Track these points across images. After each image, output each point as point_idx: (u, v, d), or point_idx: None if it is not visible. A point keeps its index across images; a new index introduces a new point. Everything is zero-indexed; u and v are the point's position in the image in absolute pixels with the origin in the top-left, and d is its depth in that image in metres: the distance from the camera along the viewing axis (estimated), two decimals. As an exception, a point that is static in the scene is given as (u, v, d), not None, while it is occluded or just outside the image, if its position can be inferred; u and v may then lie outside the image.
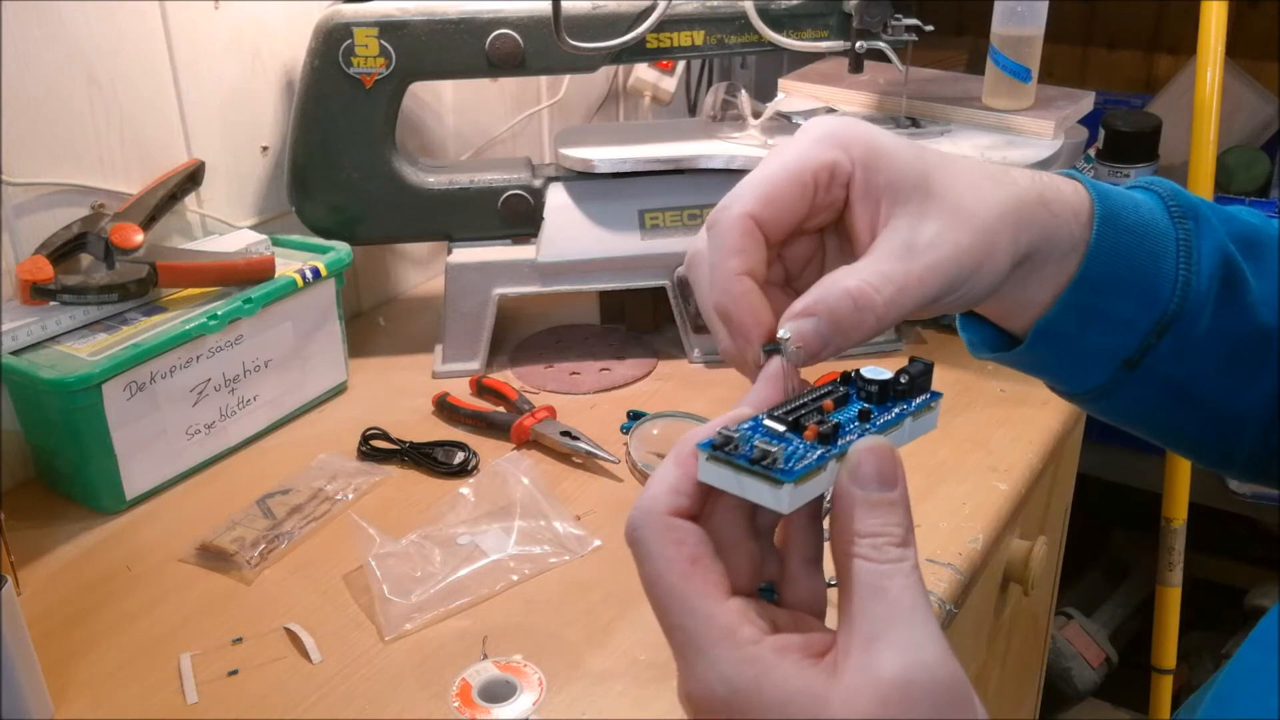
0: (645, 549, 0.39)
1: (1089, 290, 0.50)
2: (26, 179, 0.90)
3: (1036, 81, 1.12)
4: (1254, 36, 1.80)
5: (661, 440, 0.96)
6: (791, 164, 0.45)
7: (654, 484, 0.41)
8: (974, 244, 0.45)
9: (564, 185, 1.08)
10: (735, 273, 0.44)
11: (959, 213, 0.45)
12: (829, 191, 0.45)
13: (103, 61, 0.94)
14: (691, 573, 0.39)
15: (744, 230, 0.44)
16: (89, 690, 0.71)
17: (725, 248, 0.44)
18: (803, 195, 0.45)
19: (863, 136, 0.45)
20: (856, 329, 0.42)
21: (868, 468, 0.39)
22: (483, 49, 1.02)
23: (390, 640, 0.75)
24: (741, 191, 0.45)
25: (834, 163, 0.45)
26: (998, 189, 0.46)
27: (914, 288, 0.43)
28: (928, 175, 0.45)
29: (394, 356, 1.13)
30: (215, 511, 0.88)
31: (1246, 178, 1.59)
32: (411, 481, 0.92)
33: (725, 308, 0.44)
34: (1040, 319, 0.51)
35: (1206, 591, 1.94)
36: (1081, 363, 0.53)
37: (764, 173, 0.45)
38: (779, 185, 0.45)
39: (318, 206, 1.07)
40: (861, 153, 0.45)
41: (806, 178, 0.45)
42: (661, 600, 0.39)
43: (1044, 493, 1.15)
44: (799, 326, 0.42)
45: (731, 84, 1.13)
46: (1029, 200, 0.47)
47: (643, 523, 0.40)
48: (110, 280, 0.89)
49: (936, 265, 0.44)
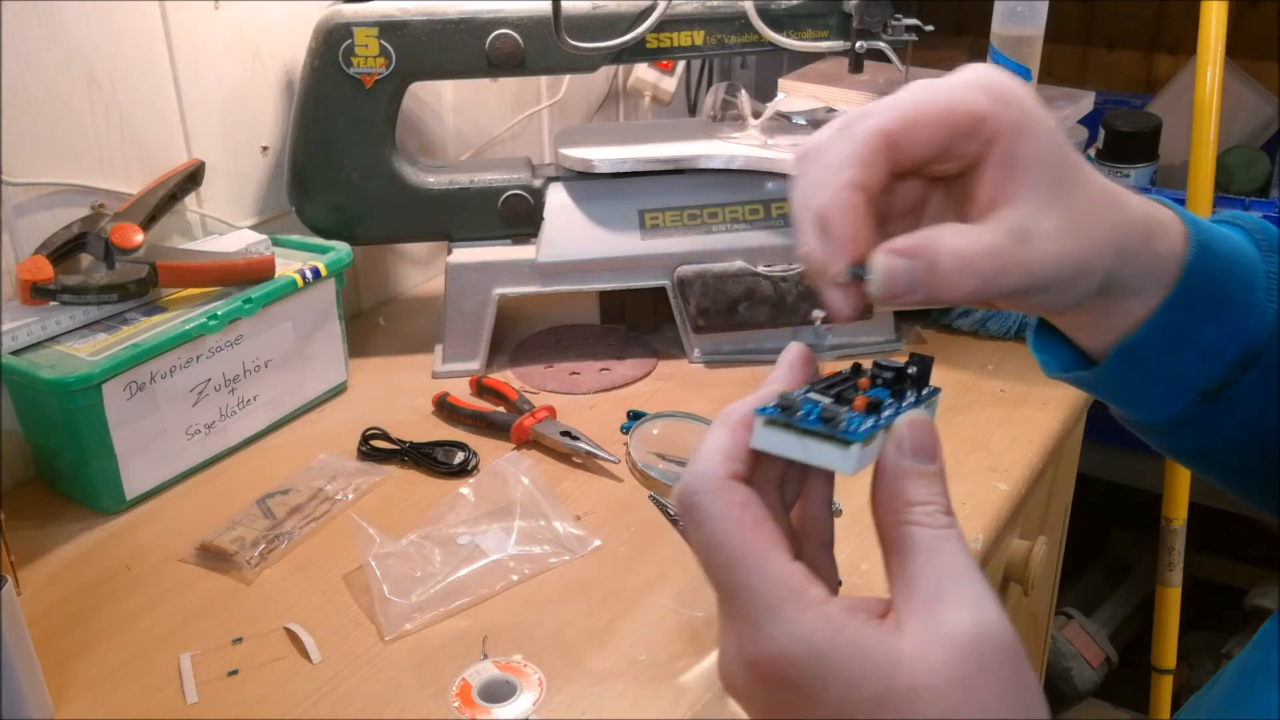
0: (706, 512, 0.39)
1: (1181, 312, 0.49)
2: (26, 179, 0.90)
3: (1036, 81, 1.12)
4: (1254, 36, 1.80)
5: (661, 440, 0.96)
6: (943, 98, 0.42)
7: (706, 451, 0.40)
8: (1081, 256, 0.44)
9: (564, 185, 1.08)
10: (851, 182, 0.41)
11: (1078, 220, 0.43)
12: (966, 142, 0.42)
13: (103, 61, 0.94)
14: (757, 534, 0.38)
15: (875, 145, 0.42)
16: (89, 690, 0.71)
17: (850, 154, 0.42)
18: (944, 133, 0.42)
19: (1021, 101, 0.43)
20: (949, 288, 0.41)
21: (915, 440, 0.40)
22: (483, 49, 1.02)
23: (390, 640, 0.75)
24: (881, 108, 0.42)
25: (986, 115, 0.42)
26: (1114, 211, 0.46)
27: (1015, 273, 0.42)
28: (1066, 169, 0.43)
29: (394, 356, 1.13)
30: (215, 511, 0.88)
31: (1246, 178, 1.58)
32: (411, 481, 0.92)
33: (828, 214, 0.41)
34: (1125, 339, 0.50)
35: (1206, 591, 1.94)
36: (1160, 390, 0.52)
37: (910, 98, 0.42)
38: (925, 114, 0.42)
39: (318, 206, 1.07)
40: (1016, 118, 0.42)
41: (954, 118, 0.42)
42: (726, 562, 0.38)
43: (1044, 493, 1.15)
44: (894, 263, 0.41)
45: (731, 84, 1.13)
46: (1135, 234, 0.47)
47: (701, 486, 0.39)
48: (110, 280, 0.89)
49: (1044, 260, 0.42)
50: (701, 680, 0.71)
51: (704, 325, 1.08)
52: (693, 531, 0.40)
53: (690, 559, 0.71)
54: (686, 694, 0.70)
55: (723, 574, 0.39)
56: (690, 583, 0.79)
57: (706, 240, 1.06)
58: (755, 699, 0.39)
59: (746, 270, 1.06)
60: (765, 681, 0.37)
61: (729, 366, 1.09)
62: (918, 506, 0.39)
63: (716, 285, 1.06)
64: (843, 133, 0.43)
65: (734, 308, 1.07)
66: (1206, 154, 1.37)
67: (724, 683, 0.40)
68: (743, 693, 0.39)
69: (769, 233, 1.06)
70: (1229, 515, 1.71)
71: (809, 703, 0.36)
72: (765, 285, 1.06)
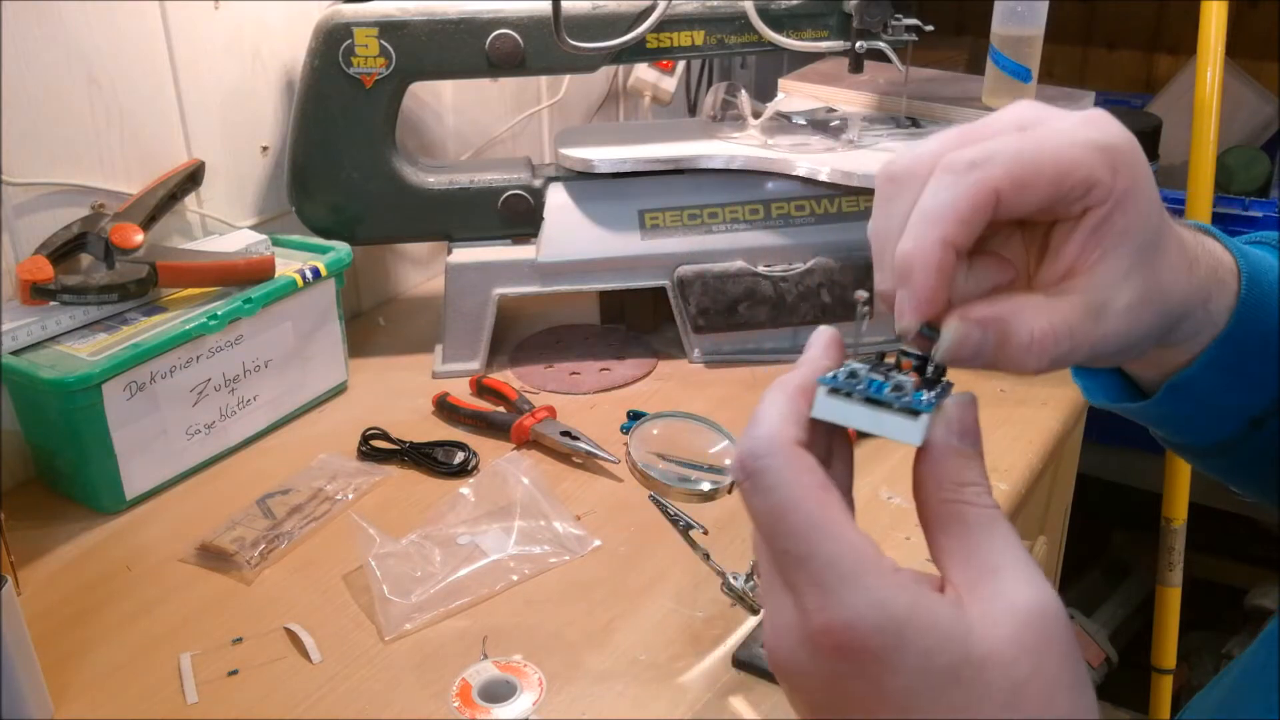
0: (776, 477, 0.38)
1: (1231, 349, 0.49)
2: (26, 179, 0.90)
3: (1036, 81, 1.12)
4: (1254, 36, 1.80)
5: (661, 440, 0.96)
6: (1062, 159, 0.40)
7: (769, 416, 0.40)
8: (1146, 327, 0.43)
9: (564, 185, 1.08)
10: (945, 239, 0.39)
11: (1155, 289, 0.43)
12: (1069, 205, 0.41)
13: (103, 61, 0.94)
14: (829, 500, 0.37)
15: (984, 204, 0.39)
16: (89, 690, 0.71)
17: (954, 206, 0.39)
18: (1052, 197, 0.40)
19: (1132, 167, 0.41)
20: (1013, 363, 0.41)
21: (965, 423, 0.39)
22: (483, 49, 1.02)
23: (390, 640, 0.75)
24: (1000, 155, 0.39)
25: (1098, 183, 0.40)
26: (1184, 278, 0.45)
27: (1083, 349, 0.41)
28: (1158, 238, 0.42)
29: (394, 356, 1.13)
30: (215, 511, 0.87)
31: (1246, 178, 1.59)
32: (411, 481, 0.92)
33: (913, 266, 0.39)
34: (1175, 376, 0.50)
35: (1206, 591, 1.94)
36: (1209, 419, 0.52)
37: (1028, 151, 0.40)
38: (1040, 175, 0.39)
39: (318, 206, 1.07)
40: (1123, 188, 0.40)
41: (1068, 183, 0.40)
42: (798, 528, 0.37)
43: (1044, 493, 1.15)
44: (969, 331, 0.40)
45: (731, 84, 1.13)
46: (1198, 299, 0.47)
47: (770, 450, 0.38)
48: (110, 280, 0.89)
49: (1115, 334, 0.42)
50: (701, 680, 0.71)
51: (704, 325, 1.08)
52: (758, 497, 0.38)
53: (690, 559, 0.72)
54: (686, 694, 0.70)
55: (793, 540, 0.37)
56: (690, 583, 0.79)
57: (706, 240, 1.06)
58: (816, 674, 0.37)
59: (746, 270, 1.06)
60: (836, 651, 0.36)
61: (729, 366, 1.09)
62: (968, 487, 0.39)
63: (716, 285, 1.06)
64: (949, 173, 0.40)
65: (734, 308, 1.07)
66: (1206, 154, 1.37)
67: (776, 659, 0.38)
68: (800, 669, 0.38)
69: (769, 233, 1.06)
70: (1229, 515, 1.71)
71: (882, 672, 0.36)
72: (765, 285, 1.06)
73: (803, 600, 0.37)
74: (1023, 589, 0.37)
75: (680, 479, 0.64)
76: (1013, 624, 0.36)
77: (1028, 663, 0.36)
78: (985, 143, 0.40)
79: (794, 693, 0.39)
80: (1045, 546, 1.04)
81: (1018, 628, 0.36)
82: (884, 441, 0.40)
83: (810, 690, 0.38)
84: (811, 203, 1.07)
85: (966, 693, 0.35)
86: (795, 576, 0.37)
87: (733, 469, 0.40)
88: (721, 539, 0.80)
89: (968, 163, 0.40)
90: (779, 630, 0.38)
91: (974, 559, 0.37)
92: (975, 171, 0.39)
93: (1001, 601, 0.36)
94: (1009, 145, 0.40)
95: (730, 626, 0.75)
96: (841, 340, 0.43)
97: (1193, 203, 1.38)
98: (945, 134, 0.42)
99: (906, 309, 0.40)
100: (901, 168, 0.41)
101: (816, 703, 0.38)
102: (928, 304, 0.40)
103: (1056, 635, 0.36)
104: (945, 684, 0.35)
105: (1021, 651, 0.36)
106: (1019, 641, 0.36)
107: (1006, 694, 0.35)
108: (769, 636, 0.39)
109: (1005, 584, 0.37)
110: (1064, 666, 0.36)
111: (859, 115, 1.14)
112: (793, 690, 0.39)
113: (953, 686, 0.35)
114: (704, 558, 0.72)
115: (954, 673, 0.35)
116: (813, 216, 1.07)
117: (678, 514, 0.70)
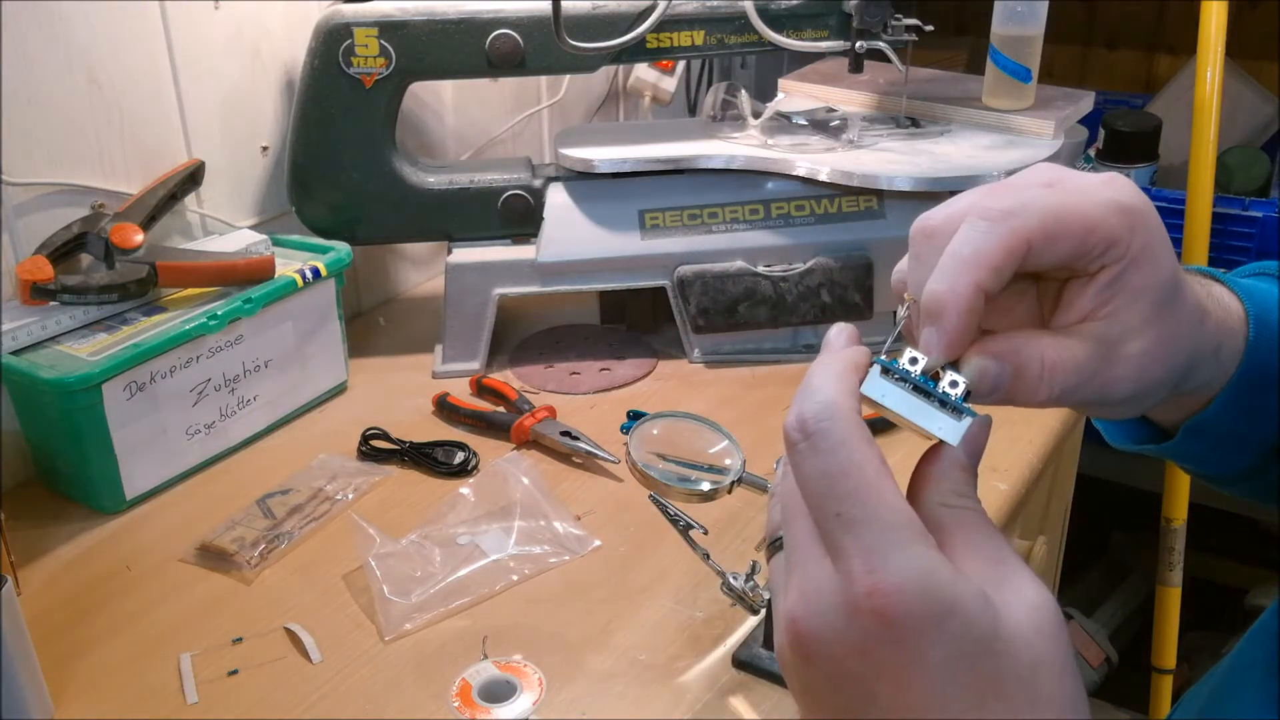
0: (839, 439, 0.38)
1: (1247, 389, 0.50)
2: (26, 179, 0.90)
3: (1036, 81, 1.12)
4: (1254, 36, 1.80)
5: (661, 440, 0.95)
6: (1088, 216, 0.42)
7: (828, 380, 0.40)
8: (1156, 378, 0.45)
9: (564, 185, 1.08)
10: (978, 285, 0.41)
11: (1167, 341, 0.44)
12: (1088, 261, 0.43)
13: (103, 61, 0.94)
14: (884, 471, 0.39)
15: (1017, 253, 0.41)
16: (89, 690, 0.71)
17: (989, 254, 0.41)
18: (1076, 251, 0.42)
19: (1149, 230, 0.43)
20: (1028, 394, 0.43)
21: (979, 441, 0.42)
22: (483, 49, 1.02)
23: (390, 640, 0.75)
24: (1034, 207, 0.41)
25: (1117, 241, 0.42)
26: (1195, 331, 0.47)
27: (1091, 387, 0.43)
28: (1166, 297, 0.44)
29: (394, 356, 1.13)
30: (215, 511, 0.87)
31: (1246, 178, 1.58)
32: (411, 481, 0.92)
33: (946, 308, 0.41)
34: (1193, 418, 0.52)
35: (1206, 591, 1.93)
36: (1229, 453, 0.54)
37: (1062, 206, 0.42)
38: (1068, 231, 0.41)
39: (318, 206, 1.07)
40: (1140, 248, 0.42)
41: (1092, 240, 0.42)
42: (858, 490, 0.38)
43: (1044, 493, 1.15)
44: (985, 366, 0.42)
45: (731, 84, 1.13)
46: (1208, 348, 0.48)
47: (833, 414, 0.39)
48: (110, 280, 0.89)
49: (1123, 379, 0.44)
50: (701, 680, 0.71)
51: (704, 325, 1.08)
52: (818, 458, 0.39)
53: (690, 559, 0.72)
54: (686, 694, 0.70)
55: (849, 502, 0.38)
56: (690, 583, 0.79)
57: (706, 240, 1.06)
58: (850, 640, 0.37)
59: (746, 270, 1.06)
60: (878, 616, 0.36)
61: (729, 366, 1.09)
62: (965, 499, 0.41)
63: (716, 285, 1.06)
64: (984, 219, 0.41)
65: (734, 308, 1.07)
66: (1206, 154, 1.37)
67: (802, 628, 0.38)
68: (832, 636, 0.38)
69: (769, 233, 1.06)
70: (1229, 515, 1.71)
71: (922, 640, 0.36)
72: (765, 285, 1.06)
73: (849, 564, 0.37)
74: (1028, 582, 0.39)
75: (680, 479, 0.64)
76: (1025, 608, 0.38)
77: (1040, 644, 0.37)
78: (1020, 193, 0.42)
79: (810, 669, 0.39)
80: (1045, 546, 1.04)
81: (1030, 612, 0.38)
82: None
83: (836, 661, 0.38)
84: (811, 203, 1.07)
85: (997, 664, 0.37)
86: (843, 539, 0.38)
87: (788, 428, 0.40)
88: (721, 539, 0.80)
89: (1003, 211, 0.41)
90: (810, 596, 0.38)
91: (980, 552, 0.39)
92: (1011, 220, 0.41)
93: (1011, 590, 0.38)
94: (1042, 198, 0.42)
95: (730, 626, 0.75)
96: (858, 334, 0.45)
97: (1193, 203, 1.38)
98: (975, 191, 0.43)
99: (935, 347, 0.41)
100: (937, 222, 0.43)
101: (841, 674, 0.38)
102: (957, 345, 0.41)
103: (1060, 625, 0.38)
104: (980, 654, 0.37)
105: (1036, 634, 0.37)
106: (1034, 624, 0.38)
107: (1027, 669, 0.37)
108: (794, 604, 0.39)
109: (1013, 576, 0.39)
110: (1067, 654, 0.38)
111: (859, 115, 1.14)
112: (809, 667, 0.39)
113: (986, 657, 0.37)
114: (704, 558, 0.72)
115: (987, 644, 0.37)
116: (813, 216, 1.07)
117: (678, 514, 0.70)
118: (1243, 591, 1.89)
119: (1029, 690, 0.37)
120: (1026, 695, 0.37)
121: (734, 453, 0.64)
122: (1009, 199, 0.42)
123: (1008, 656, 0.37)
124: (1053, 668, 0.38)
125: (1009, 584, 0.38)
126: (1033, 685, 0.37)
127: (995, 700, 0.37)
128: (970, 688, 0.37)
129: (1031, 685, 0.37)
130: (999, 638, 0.37)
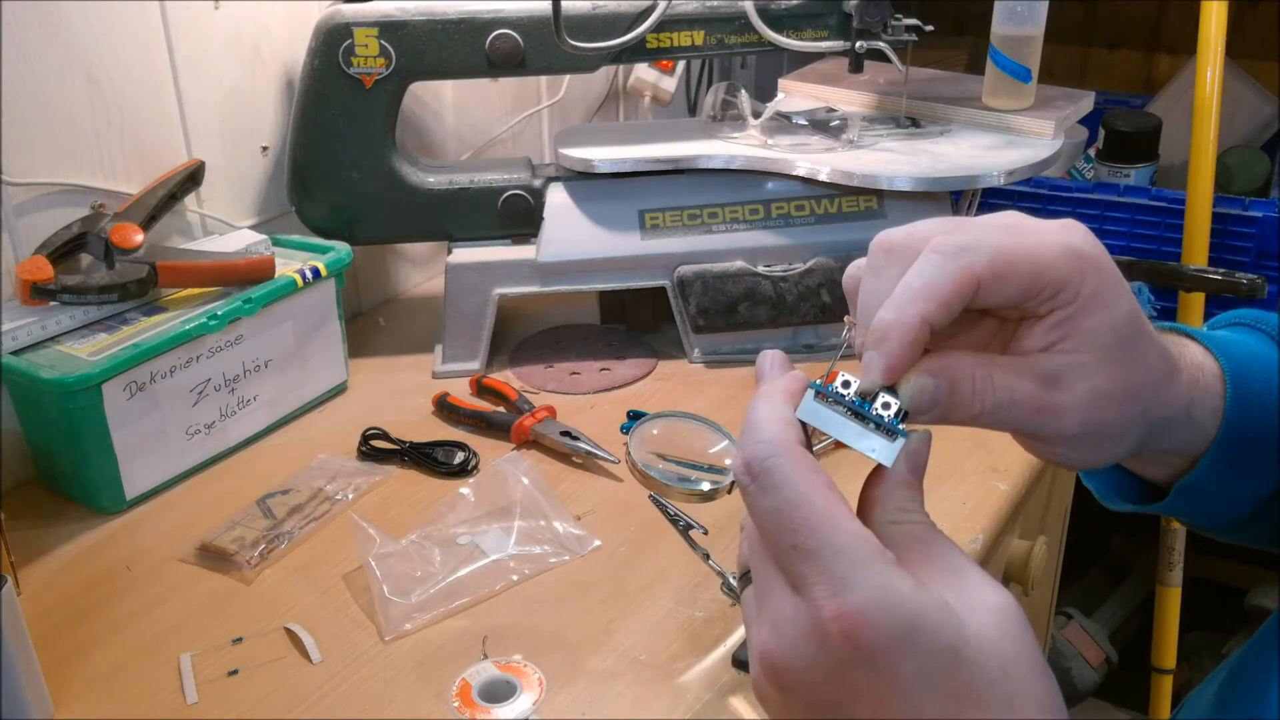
0: (782, 476, 0.40)
1: (1232, 448, 0.51)
2: (26, 179, 0.90)
3: (1036, 81, 1.12)
4: (1254, 36, 1.80)
5: (661, 440, 0.95)
6: (1038, 259, 0.42)
7: (768, 419, 0.42)
8: (1111, 424, 0.45)
9: (564, 185, 1.08)
10: (923, 317, 0.41)
11: (1120, 384, 0.44)
12: (1038, 303, 0.43)
13: (103, 61, 0.94)
14: (834, 496, 0.40)
15: (965, 289, 0.42)
16: (89, 690, 0.71)
17: (937, 287, 0.42)
18: (1025, 292, 0.43)
19: (1101, 276, 0.43)
20: (962, 408, 0.43)
21: (920, 456, 0.43)
22: (483, 49, 1.02)
23: (390, 640, 0.75)
24: (985, 246, 0.42)
25: (1066, 285, 0.43)
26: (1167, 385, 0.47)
27: (1026, 413, 0.43)
28: (1120, 348, 0.44)
29: (394, 356, 1.13)
30: (215, 511, 0.88)
31: (1246, 178, 1.58)
32: (411, 481, 0.92)
33: (889, 335, 0.42)
34: (1183, 480, 0.52)
35: (1206, 591, 1.93)
36: (1221, 507, 0.54)
37: (1013, 247, 0.42)
38: (1017, 272, 0.42)
39: (318, 206, 1.07)
40: (1089, 294, 0.43)
41: (1041, 282, 0.43)
42: (808, 521, 0.39)
43: (1044, 493, 1.15)
44: (923, 384, 0.42)
45: (731, 84, 1.13)
46: (1179, 406, 0.48)
47: (775, 451, 0.40)
48: (110, 280, 0.89)
49: (1069, 412, 0.44)
50: (701, 680, 0.71)
51: (704, 325, 1.08)
52: (766, 496, 0.40)
53: (690, 559, 0.72)
54: (686, 694, 0.70)
55: (802, 534, 0.39)
56: (690, 583, 0.79)
57: (706, 240, 1.06)
58: (822, 668, 0.38)
59: (746, 270, 1.06)
60: (847, 638, 0.37)
61: (729, 366, 1.09)
62: (912, 514, 0.42)
63: (716, 285, 1.06)
64: (939, 255, 0.42)
65: (734, 308, 1.07)
66: (1206, 154, 1.37)
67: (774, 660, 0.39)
68: (804, 665, 0.39)
69: (769, 233, 1.06)
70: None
71: (892, 658, 0.37)
72: (765, 285, 1.06)
73: (812, 592, 0.38)
74: (987, 586, 0.40)
75: (680, 479, 0.64)
76: (987, 614, 0.39)
77: (1007, 645, 0.38)
78: (977, 231, 0.43)
79: (787, 699, 0.40)
80: (1045, 546, 1.04)
81: (993, 617, 0.39)
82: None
83: (811, 688, 0.39)
84: (811, 203, 1.07)
85: (970, 671, 0.38)
86: (803, 569, 0.39)
87: (736, 472, 0.42)
88: (721, 539, 0.80)
89: (957, 247, 0.42)
90: (780, 627, 0.39)
91: (935, 564, 0.40)
92: (964, 257, 0.42)
93: (973, 595, 0.39)
94: (996, 238, 0.43)
95: (730, 626, 0.75)
96: (788, 360, 0.46)
97: (1193, 203, 1.38)
98: (938, 220, 0.45)
99: (876, 370, 0.42)
100: (897, 240, 0.44)
101: (818, 701, 0.39)
102: (896, 370, 0.42)
103: (1024, 624, 0.39)
104: (951, 664, 0.37)
105: (1002, 635, 0.38)
106: (998, 627, 0.38)
107: (999, 672, 0.38)
108: (765, 638, 0.40)
109: (971, 582, 0.40)
110: (1035, 652, 0.39)
111: (859, 115, 1.14)
112: (786, 697, 0.40)
113: (957, 666, 0.38)
114: (704, 558, 0.72)
115: (956, 653, 0.38)
116: (813, 216, 1.07)
117: (678, 514, 0.70)
118: (1243, 591, 1.89)
119: (1003, 691, 0.38)
120: (1002, 697, 0.38)
121: (734, 453, 0.64)
122: (966, 236, 0.43)
123: (978, 663, 0.38)
124: (1022, 666, 0.38)
125: (968, 590, 0.39)
126: (1006, 686, 0.38)
127: (973, 707, 0.38)
128: (946, 697, 0.37)
129: (1005, 686, 0.38)
130: (967, 644, 0.38)
